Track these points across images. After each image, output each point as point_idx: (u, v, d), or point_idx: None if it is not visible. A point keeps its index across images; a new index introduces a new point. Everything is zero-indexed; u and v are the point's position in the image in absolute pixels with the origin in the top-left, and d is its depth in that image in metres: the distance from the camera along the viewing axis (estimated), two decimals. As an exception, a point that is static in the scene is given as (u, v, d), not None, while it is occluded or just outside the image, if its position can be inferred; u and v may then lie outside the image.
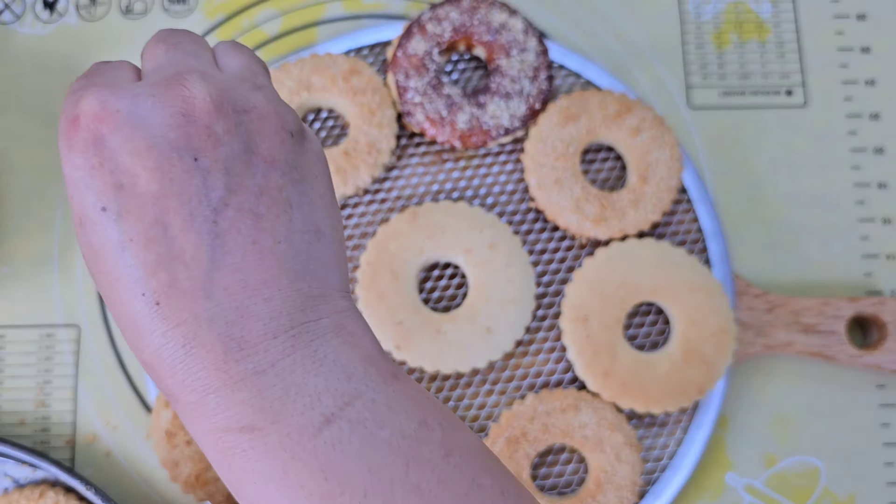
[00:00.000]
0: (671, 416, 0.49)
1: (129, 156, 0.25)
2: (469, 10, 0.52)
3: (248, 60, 0.29)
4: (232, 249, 0.25)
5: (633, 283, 0.48)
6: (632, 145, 0.51)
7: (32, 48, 0.57)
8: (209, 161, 0.25)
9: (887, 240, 0.54)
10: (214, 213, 0.25)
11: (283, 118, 0.27)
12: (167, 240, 0.25)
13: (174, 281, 0.25)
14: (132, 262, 0.25)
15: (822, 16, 0.58)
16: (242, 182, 0.26)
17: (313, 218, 0.27)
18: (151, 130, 0.25)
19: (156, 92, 0.26)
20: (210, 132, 0.25)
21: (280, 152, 0.27)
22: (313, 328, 0.26)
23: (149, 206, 0.25)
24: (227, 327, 0.25)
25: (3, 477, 0.48)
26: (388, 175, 0.53)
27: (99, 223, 0.25)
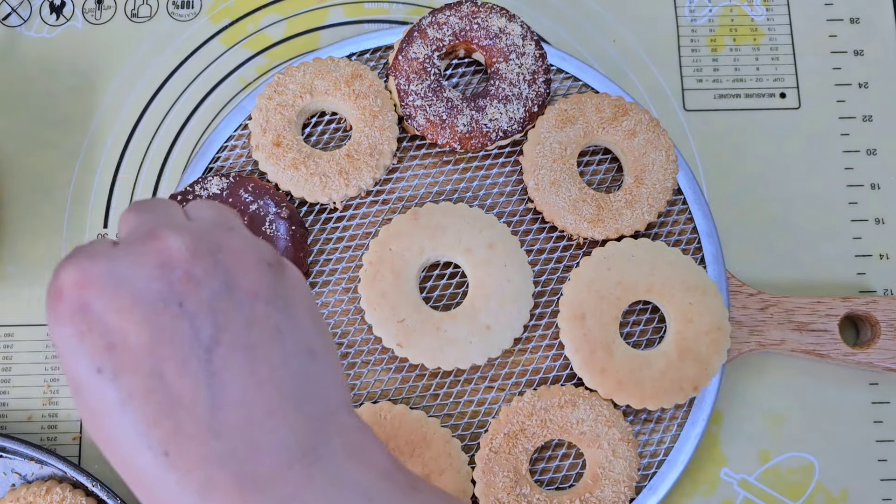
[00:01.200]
0: (667, 413, 0.50)
1: (116, 314, 0.25)
2: (469, 16, 0.53)
3: (217, 210, 0.30)
4: (230, 385, 0.25)
5: (628, 283, 0.49)
6: (628, 147, 0.51)
7: (39, 51, 0.57)
8: (194, 304, 0.26)
9: (880, 240, 0.55)
10: (207, 352, 0.25)
11: (259, 252, 0.28)
12: (165, 388, 0.25)
13: (178, 427, 0.25)
14: (134, 416, 0.25)
15: (816, 19, 0.59)
16: (229, 318, 0.26)
17: (305, 339, 0.27)
18: (133, 286, 0.26)
19: (133, 250, 0.26)
20: (190, 276, 0.26)
21: (261, 284, 0.27)
22: (326, 452, 0.26)
23: (143, 359, 0.25)
24: (239, 465, 0.25)
25: (10, 473, 0.49)
26: (390, 177, 0.53)
27: (96, 385, 0.25)
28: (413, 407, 0.50)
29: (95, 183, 0.55)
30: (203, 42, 0.58)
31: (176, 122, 0.56)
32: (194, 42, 0.58)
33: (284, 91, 0.52)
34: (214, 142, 0.54)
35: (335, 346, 0.30)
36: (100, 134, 0.56)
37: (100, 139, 0.56)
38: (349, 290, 0.51)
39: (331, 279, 0.51)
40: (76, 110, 0.56)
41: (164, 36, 0.58)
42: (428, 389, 0.50)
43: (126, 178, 0.55)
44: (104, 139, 0.56)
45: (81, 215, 0.54)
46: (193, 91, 0.57)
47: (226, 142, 0.54)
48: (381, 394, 0.50)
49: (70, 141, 0.56)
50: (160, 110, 0.56)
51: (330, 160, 0.51)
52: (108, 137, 0.56)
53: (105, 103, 0.56)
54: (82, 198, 0.55)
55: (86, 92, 0.57)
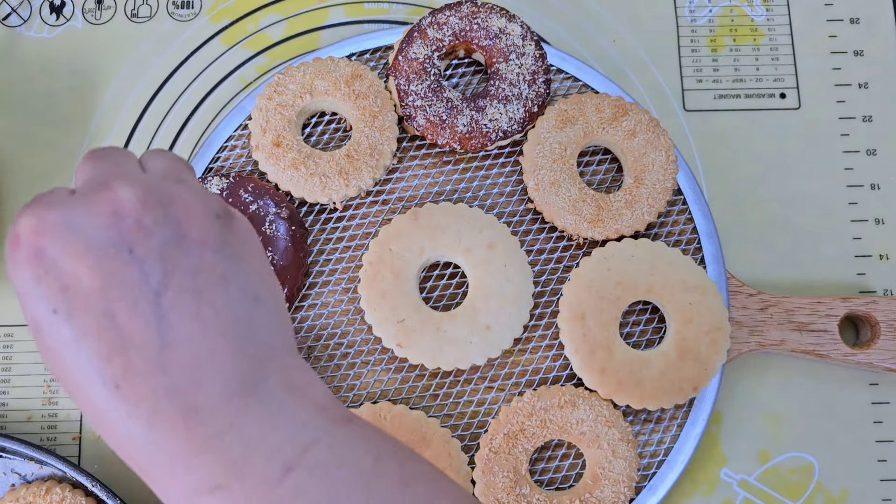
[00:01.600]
0: (667, 413, 0.50)
1: (70, 259, 0.27)
2: (468, 16, 0.53)
3: (170, 161, 0.32)
4: (177, 326, 0.27)
5: (628, 283, 0.49)
6: (628, 147, 0.51)
7: (39, 51, 0.57)
8: (143, 250, 0.27)
9: (879, 240, 0.55)
10: (156, 296, 0.27)
11: (208, 204, 0.30)
12: (117, 327, 0.27)
13: (129, 364, 0.27)
14: (88, 353, 0.27)
15: (816, 20, 0.59)
16: (177, 265, 0.28)
17: (249, 285, 0.29)
18: (86, 233, 0.27)
19: (86, 200, 0.28)
20: (140, 225, 0.28)
21: (209, 234, 0.29)
22: (264, 387, 0.28)
23: (95, 301, 0.27)
24: (184, 398, 0.27)
25: (10, 473, 0.49)
26: (390, 177, 0.53)
27: (52, 325, 0.27)
28: (413, 407, 0.50)
29: (95, 183, 0.55)
30: (203, 42, 0.58)
31: (176, 122, 0.56)
32: (194, 42, 0.58)
33: (284, 91, 0.52)
34: (214, 142, 0.54)
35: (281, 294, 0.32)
36: (100, 134, 0.56)
37: (100, 139, 0.56)
38: (349, 290, 0.51)
39: (331, 279, 0.51)
40: (76, 110, 0.56)
41: (164, 36, 0.58)
42: (428, 390, 0.50)
43: (126, 178, 0.55)
44: (104, 139, 0.56)
45: (81, 215, 0.54)
46: (193, 91, 0.57)
47: (226, 142, 0.54)
48: (380, 394, 0.50)
49: (70, 141, 0.56)
50: (160, 110, 0.56)
51: (330, 160, 0.51)
52: (107, 137, 0.56)
53: (105, 103, 0.56)
54: (82, 198, 0.55)
55: (86, 92, 0.57)
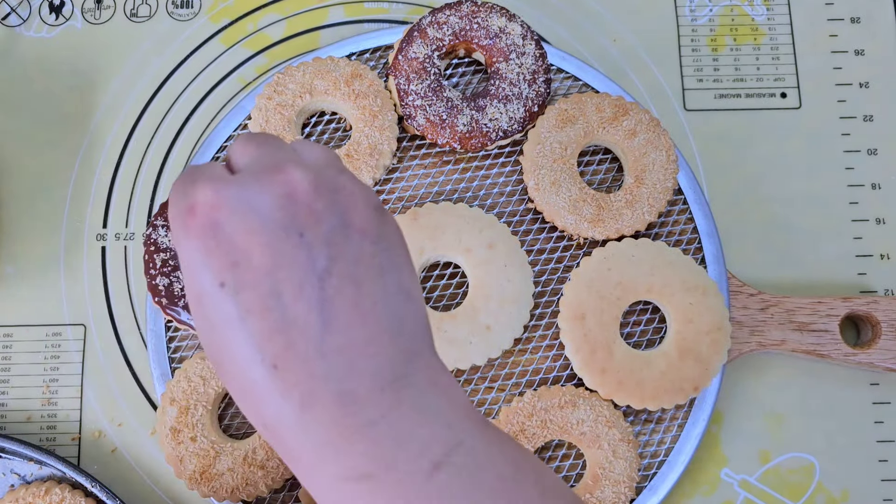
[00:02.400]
0: (667, 413, 0.50)
1: (243, 235, 0.28)
2: (469, 15, 0.52)
3: (326, 152, 0.32)
4: (338, 313, 0.28)
5: (629, 283, 0.49)
6: (628, 147, 0.51)
7: (38, 51, 0.57)
8: (312, 235, 0.28)
9: (880, 240, 0.55)
10: (320, 280, 0.28)
11: (368, 195, 0.30)
12: (281, 308, 0.27)
13: (290, 345, 0.27)
14: (250, 330, 0.27)
15: (817, 19, 0.59)
16: (341, 252, 0.28)
17: (402, 281, 0.30)
18: (261, 212, 0.28)
19: (261, 179, 0.29)
20: (311, 210, 0.28)
21: (370, 224, 0.29)
22: (414, 381, 0.28)
23: (263, 279, 0.27)
24: (339, 384, 0.27)
25: (9, 474, 0.49)
26: (390, 177, 0.53)
27: (218, 298, 0.27)
28: (413, 407, 0.50)
29: (94, 183, 0.55)
30: (202, 42, 0.58)
31: (175, 122, 0.56)
32: (194, 42, 0.58)
33: (284, 91, 0.52)
34: (214, 141, 0.54)
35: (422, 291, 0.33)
36: (99, 134, 0.56)
37: (99, 139, 0.56)
38: (349, 290, 0.51)
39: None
40: (75, 110, 0.56)
41: (164, 36, 0.58)
42: (428, 390, 0.50)
43: (125, 177, 0.55)
44: (103, 139, 0.56)
45: (80, 215, 0.54)
46: (193, 91, 0.57)
47: (225, 141, 0.54)
48: (380, 394, 0.50)
49: (69, 141, 0.56)
50: (160, 110, 0.56)
51: (329, 160, 0.51)
52: (107, 137, 0.56)
53: (104, 103, 0.56)
54: (81, 198, 0.55)
55: (85, 92, 0.57)
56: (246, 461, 0.46)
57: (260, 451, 0.46)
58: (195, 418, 0.47)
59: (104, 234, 0.54)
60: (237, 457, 0.46)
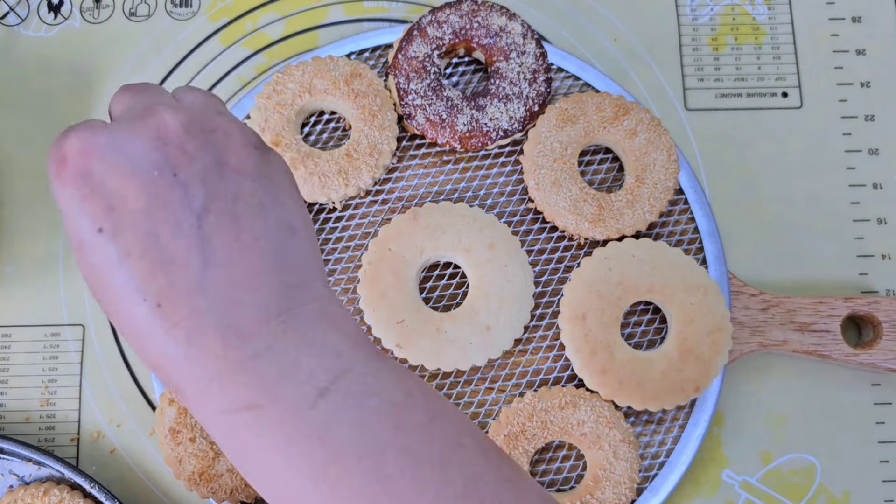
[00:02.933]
0: (668, 414, 0.50)
1: (117, 180, 0.28)
2: (469, 14, 0.52)
3: (205, 95, 0.32)
4: (218, 249, 0.28)
5: (630, 283, 0.48)
6: (629, 147, 0.51)
7: (37, 50, 0.57)
8: (186, 175, 0.28)
9: (882, 240, 0.54)
10: (198, 218, 0.28)
11: (246, 135, 0.30)
12: (160, 248, 0.27)
13: (171, 283, 0.27)
14: (131, 272, 0.27)
15: (818, 18, 0.58)
16: (218, 190, 0.29)
17: (285, 216, 0.30)
18: (132, 156, 0.28)
19: (132, 123, 0.29)
20: (184, 150, 0.29)
21: (248, 163, 0.30)
22: (300, 313, 0.29)
23: (140, 221, 0.27)
24: (223, 318, 0.27)
25: (8, 475, 0.49)
26: (390, 176, 0.53)
27: (97, 243, 0.28)
28: (413, 408, 0.49)
29: (93, 182, 0.55)
30: (201, 41, 0.58)
31: (174, 122, 0.56)
32: (193, 41, 0.57)
33: (283, 90, 0.52)
34: (213, 141, 0.54)
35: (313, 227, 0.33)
36: (98, 133, 0.56)
37: (98, 138, 0.55)
38: (348, 290, 0.51)
39: (330, 279, 0.51)
40: (74, 109, 0.56)
41: (163, 35, 0.58)
42: (428, 390, 0.50)
43: (124, 177, 0.55)
44: (102, 138, 0.56)
45: (79, 215, 0.54)
46: (192, 90, 0.56)
47: (224, 141, 0.54)
48: (380, 395, 0.50)
49: (68, 140, 0.55)
50: (158, 109, 0.56)
51: (329, 160, 0.51)
52: (106, 137, 0.56)
53: (103, 102, 0.56)
54: (80, 197, 0.54)
55: (84, 91, 0.56)
56: (245, 462, 0.46)
57: (259, 452, 0.46)
58: (194, 419, 0.47)
59: (103, 233, 0.54)
60: (236, 458, 0.46)
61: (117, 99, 0.32)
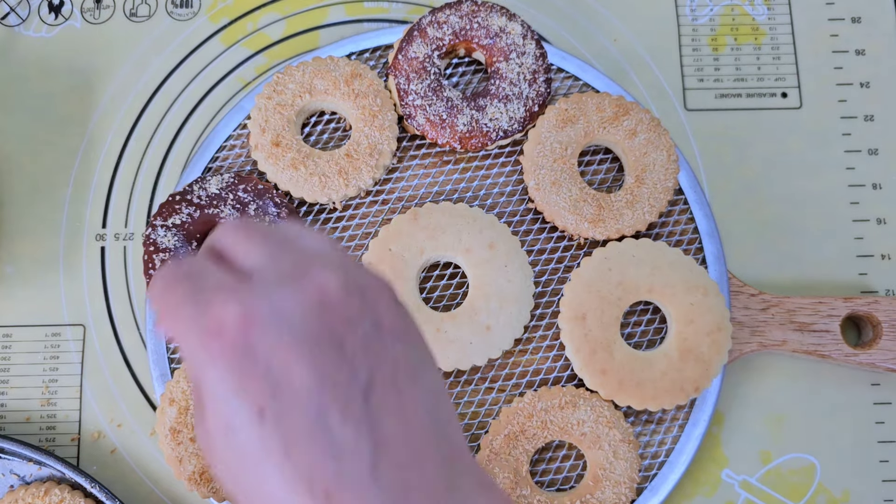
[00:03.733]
0: (668, 414, 0.50)
1: (281, 354, 0.25)
2: (469, 15, 0.52)
3: (328, 241, 0.29)
4: (385, 430, 0.25)
5: (629, 283, 0.48)
6: (629, 147, 0.51)
7: (37, 51, 0.57)
8: (352, 344, 0.26)
9: (881, 240, 0.55)
10: (364, 396, 0.25)
11: (390, 288, 0.28)
12: (328, 433, 0.25)
13: (341, 472, 0.24)
14: (298, 461, 0.24)
15: (817, 19, 0.58)
16: (379, 359, 0.26)
17: (434, 381, 0.28)
18: (295, 326, 0.25)
19: (286, 285, 0.26)
20: (346, 316, 0.26)
21: (398, 321, 0.27)
22: (462, 485, 0.27)
23: (307, 404, 0.25)
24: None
25: (9, 474, 0.49)
26: (390, 177, 0.53)
27: (257, 427, 0.24)
28: (413, 408, 0.49)
29: (94, 183, 0.55)
30: (202, 41, 0.58)
31: (175, 122, 0.56)
32: (193, 41, 0.58)
33: (284, 90, 0.52)
34: (213, 141, 0.54)
35: None
36: (98, 134, 0.56)
37: (98, 139, 0.56)
38: (349, 290, 0.51)
39: (330, 279, 0.51)
40: (75, 110, 0.56)
41: (163, 35, 0.58)
42: (428, 390, 0.50)
43: (124, 177, 0.55)
44: (103, 139, 0.56)
45: (79, 215, 0.54)
46: (192, 90, 0.57)
47: (225, 141, 0.54)
48: (380, 395, 0.50)
49: (68, 141, 0.55)
50: (159, 110, 0.56)
51: (329, 160, 0.51)
52: (106, 137, 0.56)
53: (104, 103, 0.56)
54: (80, 197, 0.54)
55: (84, 91, 0.56)
56: (246, 462, 0.46)
57: (260, 452, 0.46)
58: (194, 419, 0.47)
59: (103, 234, 0.54)
60: (237, 457, 0.46)
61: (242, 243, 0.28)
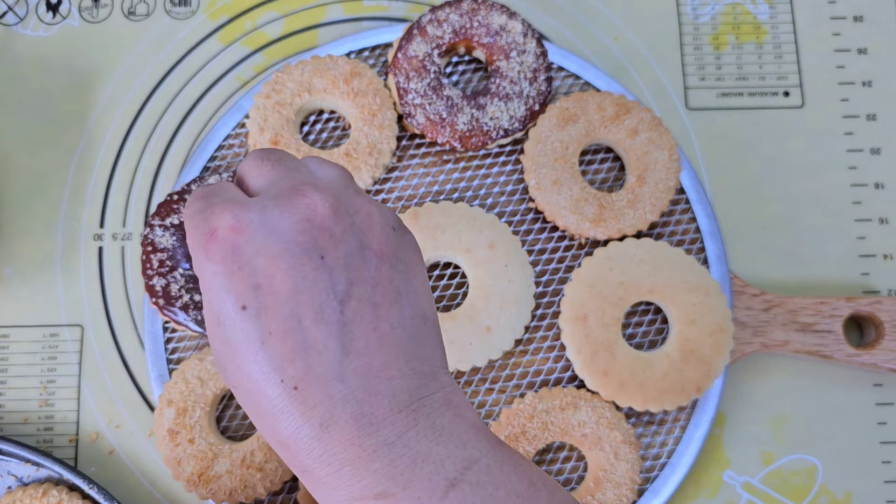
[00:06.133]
0: (669, 415, 0.49)
1: (265, 259, 0.28)
2: (469, 13, 0.52)
3: (340, 171, 0.33)
4: (357, 336, 0.28)
5: (631, 283, 0.48)
6: (630, 146, 0.51)
7: (35, 50, 0.57)
8: (332, 259, 0.29)
9: (884, 239, 0.54)
10: (341, 304, 0.28)
11: (386, 216, 0.31)
12: (302, 331, 0.28)
13: (310, 367, 0.28)
14: (271, 352, 0.28)
15: (819, 17, 0.58)
16: (360, 275, 0.29)
17: (419, 305, 0.30)
18: (282, 236, 0.28)
19: (280, 203, 0.29)
20: (331, 233, 0.29)
21: (387, 246, 0.30)
22: (429, 402, 0.29)
23: (284, 303, 0.28)
24: (358, 406, 0.28)
25: (6, 475, 0.48)
26: (389, 176, 0.53)
27: (239, 320, 0.28)
28: (413, 409, 0.49)
29: (92, 182, 0.55)
30: (200, 40, 0.57)
31: (173, 121, 0.56)
32: (191, 40, 0.57)
33: (282, 89, 0.51)
34: (212, 140, 0.53)
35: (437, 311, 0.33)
36: (96, 133, 0.55)
37: (96, 138, 0.55)
38: (348, 290, 0.51)
39: (330, 279, 0.51)
40: (72, 109, 0.56)
41: (161, 34, 0.57)
42: (428, 391, 0.50)
43: (122, 177, 0.55)
44: (101, 138, 0.55)
45: (77, 215, 0.54)
46: (191, 89, 0.56)
47: (223, 140, 0.53)
48: (380, 395, 0.50)
49: (66, 140, 0.55)
50: (157, 109, 0.56)
51: (329, 159, 0.50)
52: (104, 136, 0.55)
53: (101, 102, 0.56)
54: (78, 197, 0.54)
55: (82, 90, 0.56)
56: (244, 463, 0.46)
57: (258, 454, 0.46)
58: (193, 420, 0.47)
59: (101, 234, 0.54)
60: (235, 459, 0.46)
61: (255, 168, 0.32)
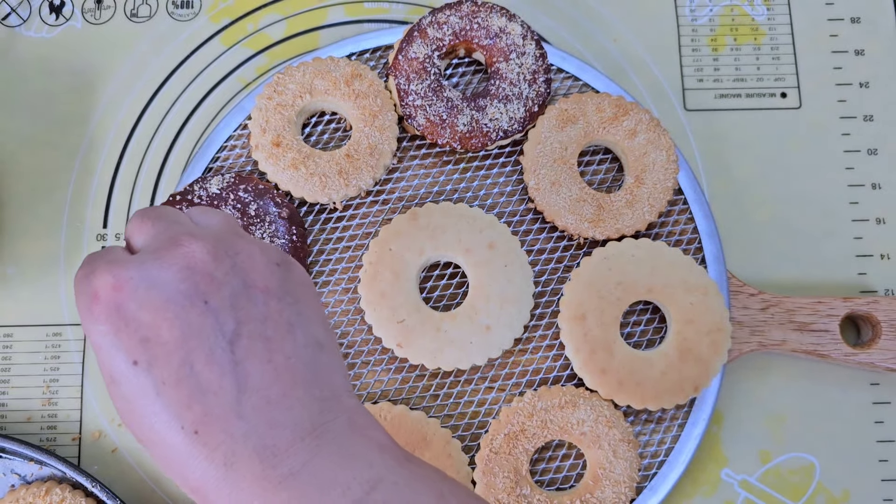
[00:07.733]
0: (668, 413, 0.50)
1: (149, 312, 0.28)
2: (469, 15, 0.52)
3: (223, 217, 0.33)
4: (252, 372, 0.29)
5: (629, 283, 0.49)
6: (628, 147, 0.51)
7: (38, 51, 0.57)
8: (217, 301, 0.29)
9: (881, 240, 0.55)
10: (230, 344, 0.29)
11: (269, 253, 0.31)
12: (194, 376, 0.28)
13: (208, 410, 0.28)
14: (168, 401, 0.28)
15: (817, 19, 0.59)
16: (248, 313, 0.29)
17: (313, 332, 0.31)
18: (164, 287, 0.29)
19: (159, 256, 0.30)
20: (213, 277, 0.29)
21: (272, 282, 0.31)
22: (332, 426, 0.29)
23: (174, 351, 0.28)
24: (259, 440, 0.28)
25: (10, 474, 0.49)
26: (390, 176, 0.53)
27: (133, 375, 0.28)
28: (413, 407, 0.50)
29: (94, 183, 0.55)
30: (203, 42, 0.58)
31: (175, 122, 0.56)
32: (194, 42, 0.58)
33: (284, 91, 0.52)
34: (214, 141, 0.54)
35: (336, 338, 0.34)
36: (99, 134, 0.56)
37: (99, 139, 0.56)
38: (349, 290, 0.51)
39: (331, 279, 0.51)
40: (75, 110, 0.56)
41: (164, 36, 0.58)
42: (428, 390, 0.50)
43: (125, 178, 0.55)
44: (103, 139, 0.56)
45: (80, 216, 0.54)
46: (193, 91, 0.57)
47: (225, 141, 0.54)
48: (381, 394, 0.50)
49: (69, 141, 0.56)
50: (160, 110, 0.56)
51: (330, 160, 0.51)
52: (107, 137, 0.56)
53: (104, 103, 0.56)
54: (81, 198, 0.55)
55: (85, 92, 0.56)
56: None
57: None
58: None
59: (104, 234, 0.54)
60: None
61: (137, 228, 0.32)
